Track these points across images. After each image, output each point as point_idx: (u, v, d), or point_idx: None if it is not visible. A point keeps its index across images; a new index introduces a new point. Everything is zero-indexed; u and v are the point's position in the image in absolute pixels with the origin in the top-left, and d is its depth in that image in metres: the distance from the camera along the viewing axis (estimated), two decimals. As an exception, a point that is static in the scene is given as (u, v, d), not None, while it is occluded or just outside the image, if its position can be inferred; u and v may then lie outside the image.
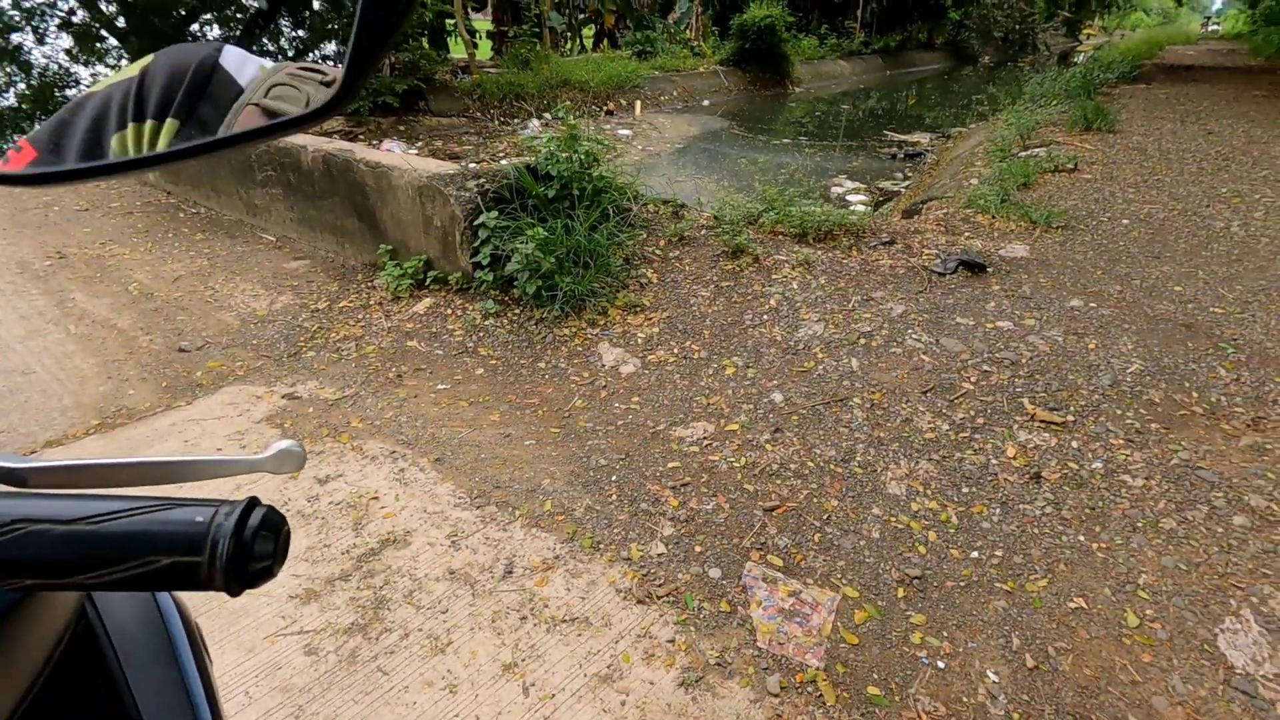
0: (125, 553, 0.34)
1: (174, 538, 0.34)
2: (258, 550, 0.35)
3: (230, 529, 0.34)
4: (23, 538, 0.34)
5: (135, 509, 0.35)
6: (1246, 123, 7.96)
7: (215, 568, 0.34)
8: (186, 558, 0.34)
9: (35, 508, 0.35)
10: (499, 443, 2.55)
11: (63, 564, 0.34)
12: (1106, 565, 1.96)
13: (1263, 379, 2.77)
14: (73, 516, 0.34)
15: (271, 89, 0.48)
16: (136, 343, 3.31)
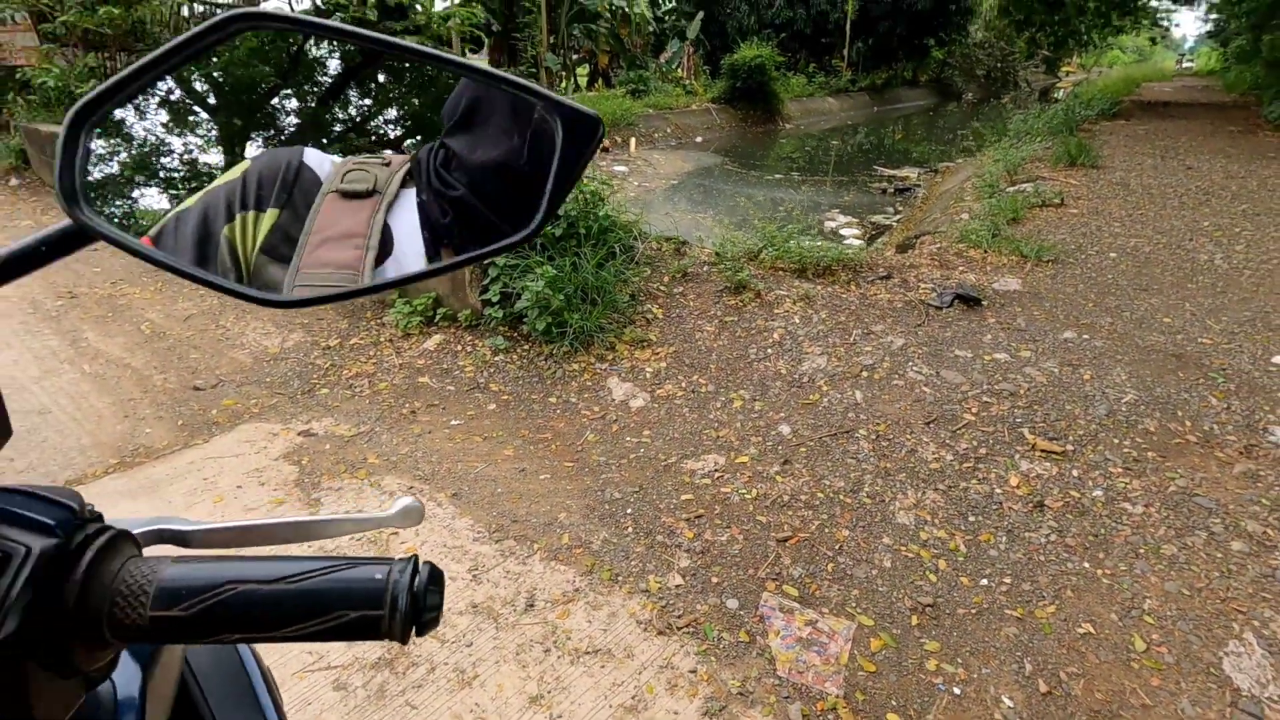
0: (319, 609, 0.38)
1: (359, 594, 0.39)
2: (429, 602, 0.40)
3: (406, 584, 0.39)
4: (234, 597, 0.38)
5: (324, 569, 0.40)
6: (1224, 158, 8.23)
7: (395, 620, 0.39)
8: (370, 611, 0.39)
9: (241, 570, 0.39)
10: (514, 477, 2.60)
11: (268, 620, 0.39)
12: (1112, 591, 2.02)
13: (1252, 408, 2.86)
14: (274, 577, 0.39)
15: (345, 175, 0.57)
16: (151, 381, 3.36)
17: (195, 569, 0.39)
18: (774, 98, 17.78)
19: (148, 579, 0.39)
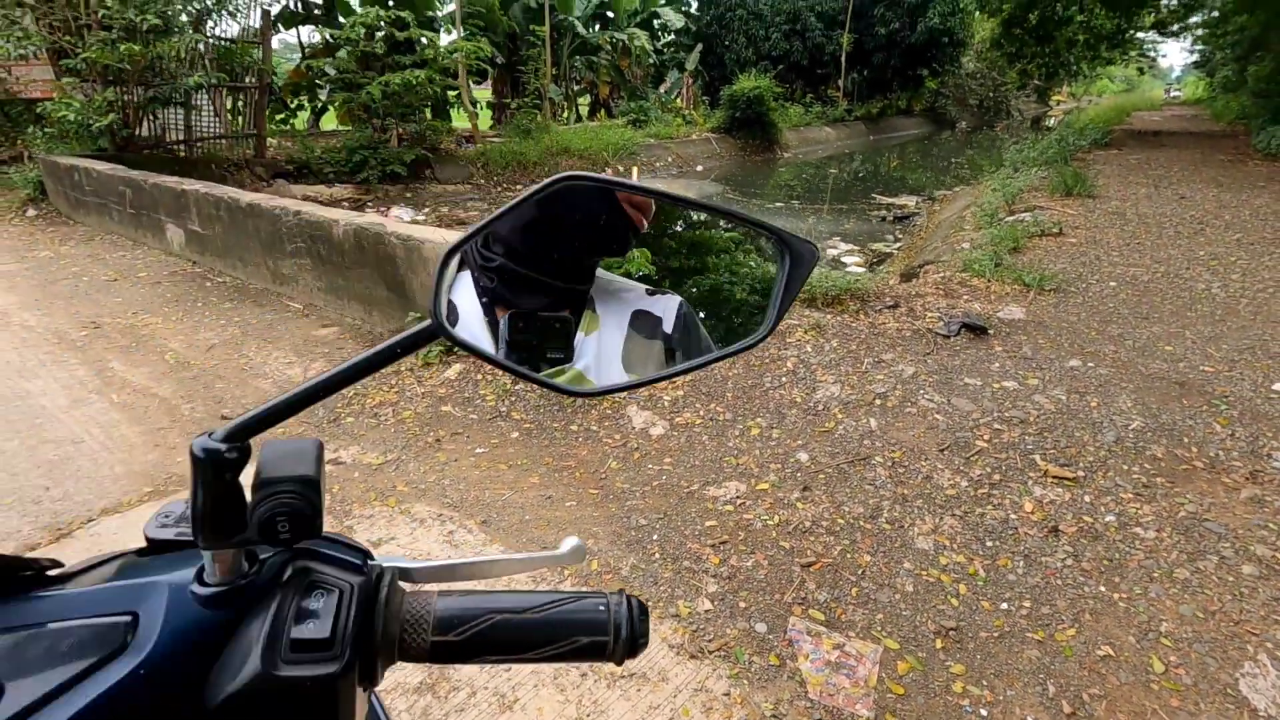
0: (558, 636, 0.47)
1: (588, 623, 0.47)
2: (641, 629, 0.48)
3: (625, 614, 0.48)
4: (494, 626, 0.46)
5: (558, 601, 0.48)
6: (1216, 187, 8.42)
7: (618, 645, 0.47)
8: (598, 638, 0.47)
9: (497, 602, 0.48)
10: (541, 504, 2.66)
11: (519, 644, 0.47)
12: (1129, 614, 2.09)
13: (1256, 434, 2.95)
14: (522, 608, 0.47)
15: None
16: (179, 411, 3.43)
17: (461, 602, 0.47)
18: (772, 127, 18.12)
19: (426, 610, 0.47)
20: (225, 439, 0.43)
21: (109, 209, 6.90)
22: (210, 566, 0.44)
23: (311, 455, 0.45)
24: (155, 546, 0.48)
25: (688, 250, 0.70)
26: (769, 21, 24.12)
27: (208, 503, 0.43)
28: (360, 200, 10.52)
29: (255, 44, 10.10)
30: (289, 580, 0.45)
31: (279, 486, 0.44)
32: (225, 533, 0.43)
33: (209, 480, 0.43)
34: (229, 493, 0.44)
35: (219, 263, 5.70)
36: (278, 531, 0.44)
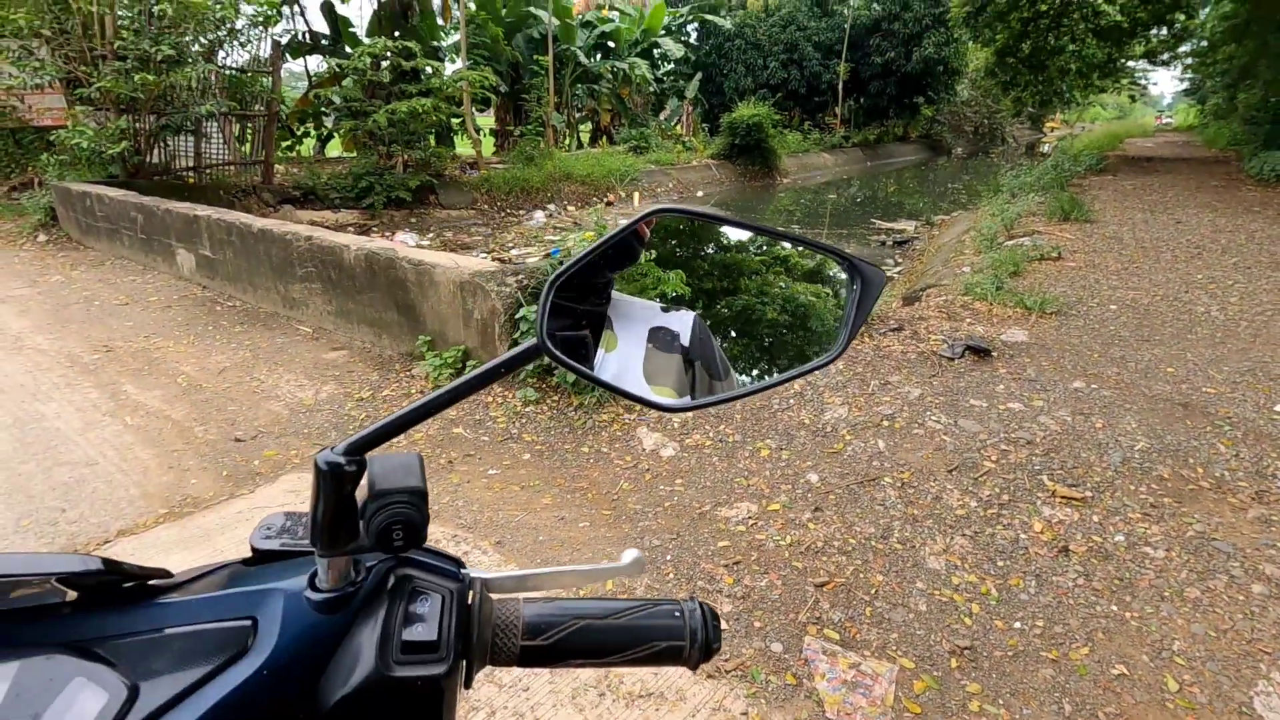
0: (637, 640, 0.50)
1: (665, 629, 0.50)
2: (714, 635, 0.51)
3: (699, 620, 0.51)
4: (578, 631, 0.50)
5: (636, 608, 0.51)
6: (1210, 212, 8.54)
7: (694, 650, 0.50)
8: (675, 642, 0.50)
9: (580, 608, 0.51)
10: (555, 525, 2.69)
11: (602, 649, 0.50)
12: (1141, 633, 2.10)
13: (1260, 454, 2.98)
14: (604, 614, 0.50)
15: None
16: (192, 433, 3.46)
17: (547, 608, 0.50)
18: (771, 154, 18.38)
19: (515, 616, 0.50)
20: (345, 453, 0.46)
21: (120, 234, 6.99)
22: (324, 573, 0.46)
23: (417, 468, 0.48)
24: (261, 556, 0.51)
25: (720, 272, 0.74)
26: (767, 51, 24.58)
27: (327, 512, 0.45)
28: (365, 225, 10.64)
29: (265, 73, 10.29)
30: (395, 586, 0.48)
31: (393, 497, 0.45)
32: (341, 541, 0.46)
33: (330, 491, 0.45)
34: (346, 503, 0.46)
35: (229, 287, 5.76)
36: (392, 539, 0.46)
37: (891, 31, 24.82)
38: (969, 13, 17.09)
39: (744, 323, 0.74)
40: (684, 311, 0.73)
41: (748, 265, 0.79)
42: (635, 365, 0.71)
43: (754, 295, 0.77)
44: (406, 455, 0.49)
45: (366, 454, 0.47)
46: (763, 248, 0.74)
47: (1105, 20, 17.36)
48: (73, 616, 0.43)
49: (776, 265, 0.80)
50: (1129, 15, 17.35)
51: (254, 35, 10.02)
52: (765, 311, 0.75)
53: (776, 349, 0.73)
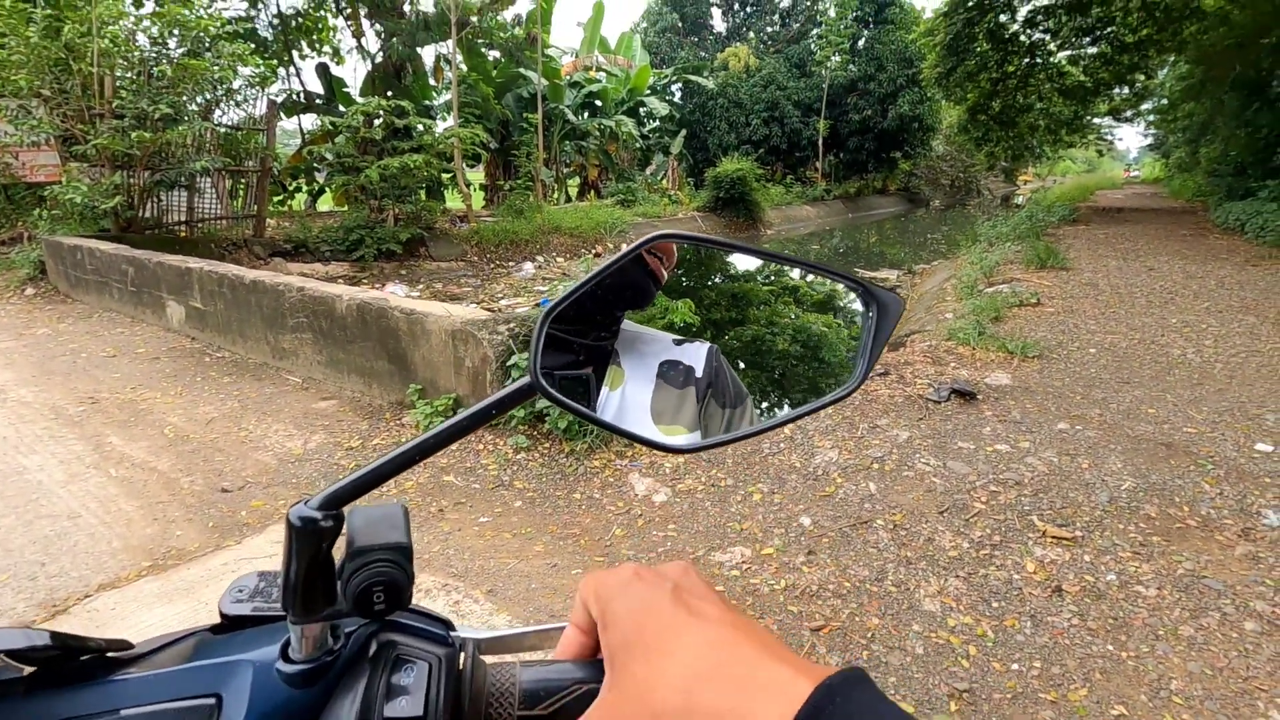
0: None
1: None
2: None
3: None
4: (583, 697, 0.44)
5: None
6: (1181, 259, 8.83)
7: None
8: None
9: (579, 672, 0.45)
10: (547, 573, 2.66)
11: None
12: (1138, 673, 2.09)
13: (1243, 492, 3.03)
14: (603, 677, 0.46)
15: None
16: (178, 484, 3.42)
17: (544, 673, 0.46)
18: (755, 206, 18.85)
19: (510, 682, 0.45)
20: (322, 506, 0.42)
21: (109, 287, 7.00)
22: (297, 642, 0.43)
23: (401, 521, 0.44)
24: (231, 623, 0.47)
25: (728, 303, 0.75)
26: (749, 109, 25.49)
27: (301, 574, 0.41)
28: (355, 277, 10.72)
29: (260, 130, 10.52)
30: (376, 654, 0.44)
31: (374, 555, 0.41)
32: (317, 606, 0.42)
33: (304, 550, 0.41)
34: (323, 563, 0.42)
35: (219, 338, 5.76)
36: (372, 603, 0.42)
37: (868, 91, 25.88)
38: (940, 73, 17.89)
39: (754, 354, 0.73)
40: (699, 343, 0.70)
41: (756, 295, 0.79)
42: (641, 402, 0.67)
43: (763, 325, 0.76)
44: (389, 506, 0.45)
45: (346, 507, 0.44)
46: (771, 277, 0.76)
47: (1070, 80, 18.25)
48: (25, 697, 0.40)
49: (786, 295, 0.80)
50: (1091, 75, 18.26)
51: (250, 95, 10.29)
52: (776, 342, 0.75)
53: (789, 380, 0.73)
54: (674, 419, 0.66)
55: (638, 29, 29.43)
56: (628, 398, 0.66)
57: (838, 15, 25.79)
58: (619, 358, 0.68)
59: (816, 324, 0.77)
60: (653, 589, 0.37)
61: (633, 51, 22.06)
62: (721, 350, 0.73)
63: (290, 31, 14.90)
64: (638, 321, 0.71)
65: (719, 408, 0.68)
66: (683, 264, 0.63)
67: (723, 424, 0.66)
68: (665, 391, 0.67)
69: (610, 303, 0.67)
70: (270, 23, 15.00)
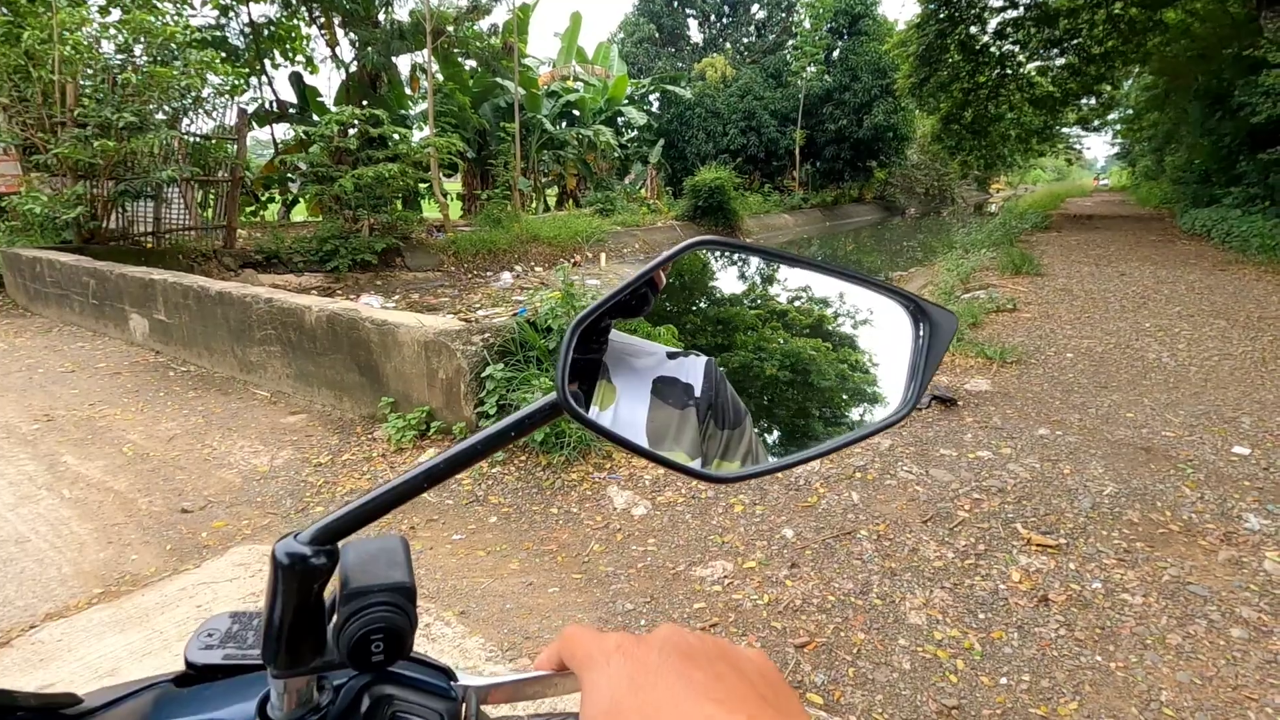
0: None
1: None
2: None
3: None
4: None
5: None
6: (1151, 264, 8.97)
7: None
8: None
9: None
10: (522, 591, 2.56)
11: None
12: (1128, 684, 2.05)
13: (1224, 496, 3.02)
14: None
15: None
16: (135, 505, 3.27)
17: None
18: (733, 214, 18.92)
19: None
20: (313, 541, 0.36)
21: (70, 300, 6.78)
22: (278, 698, 0.37)
23: (401, 556, 0.39)
24: (199, 673, 0.41)
25: (713, 328, 0.67)
26: (726, 119, 25.65)
27: (288, 619, 0.36)
28: (329, 289, 10.53)
29: (230, 140, 10.32)
30: (370, 711, 0.39)
31: (372, 598, 0.36)
32: (303, 656, 0.36)
33: (291, 592, 0.36)
34: (313, 607, 0.36)
35: (184, 352, 5.58)
36: (370, 653, 0.36)
37: (843, 101, 26.18)
38: (914, 84, 18.14)
39: (742, 380, 0.66)
40: (694, 356, 0.64)
41: (743, 320, 0.72)
42: (636, 424, 0.60)
43: (751, 351, 0.69)
44: (387, 540, 0.40)
45: (341, 541, 0.38)
46: (757, 301, 0.68)
47: (1039, 90, 18.61)
48: None
49: (774, 320, 0.73)
50: (1060, 86, 18.65)
51: (220, 103, 10.10)
52: (764, 368, 0.67)
53: (777, 406, 0.65)
54: (673, 442, 0.59)
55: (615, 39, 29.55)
56: (621, 418, 0.59)
57: (812, 27, 26.11)
58: (609, 373, 0.61)
59: (805, 349, 0.74)
60: (635, 665, 0.32)
61: (610, 61, 22.11)
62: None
63: (262, 40, 14.69)
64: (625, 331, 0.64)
65: (718, 429, 0.61)
66: (666, 289, 0.57)
67: (720, 446, 0.59)
68: (662, 411, 0.60)
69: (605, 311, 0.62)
70: (242, 31, 14.78)
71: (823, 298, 0.64)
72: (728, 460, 0.56)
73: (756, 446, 0.59)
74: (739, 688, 0.31)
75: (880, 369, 0.60)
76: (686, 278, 0.68)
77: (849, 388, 0.63)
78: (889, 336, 0.56)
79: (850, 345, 0.63)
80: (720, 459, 0.57)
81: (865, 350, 0.62)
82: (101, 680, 2.11)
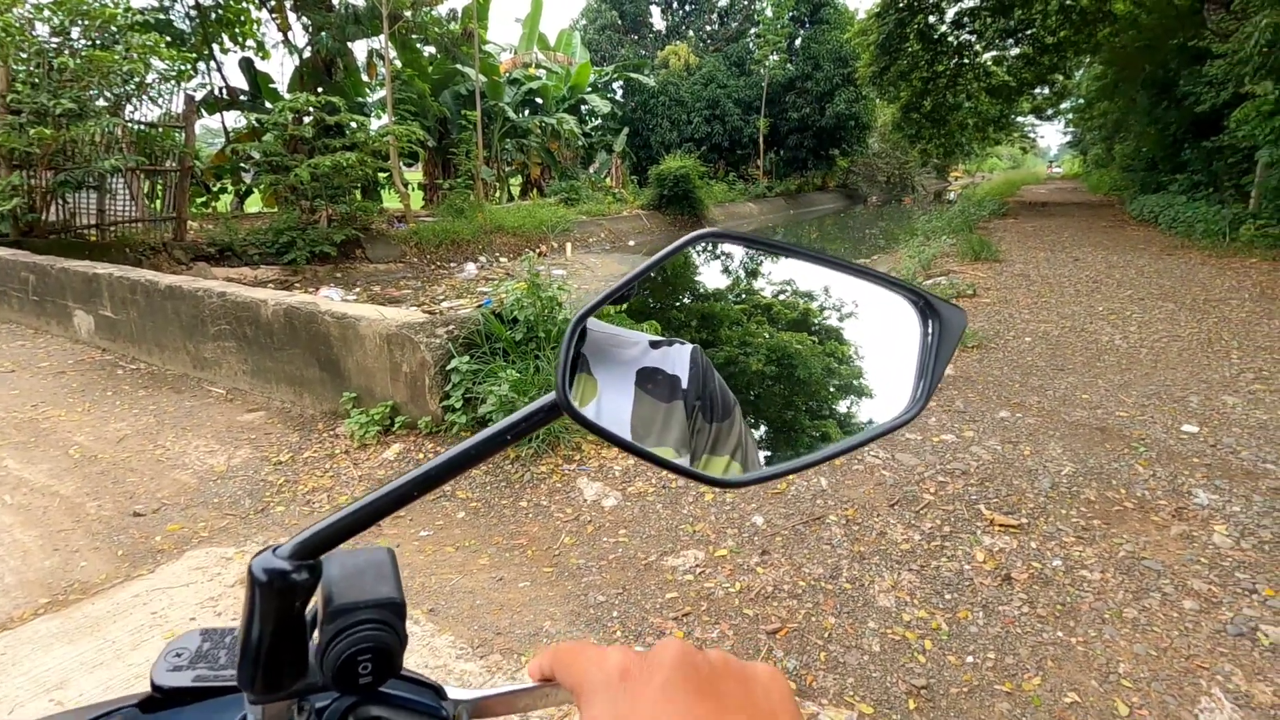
0: None
1: None
2: None
3: None
4: None
5: None
6: (1103, 250, 9.24)
7: None
8: None
9: None
10: (492, 587, 2.52)
11: None
12: (1087, 658, 2.11)
13: (1174, 473, 3.13)
14: None
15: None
16: (83, 510, 3.13)
17: None
18: (699, 203, 18.94)
19: None
20: (294, 555, 0.35)
21: (8, 297, 6.46)
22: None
23: (389, 569, 0.37)
24: (167, 696, 0.38)
25: (698, 323, 0.64)
26: (690, 107, 25.61)
27: (266, 640, 0.33)
28: (287, 282, 10.24)
29: (178, 128, 9.93)
30: None
31: (359, 614, 0.34)
32: (284, 680, 0.34)
33: (270, 610, 0.33)
34: (293, 625, 0.34)
35: (133, 349, 5.37)
36: (357, 674, 0.34)
37: (805, 89, 26.35)
38: (874, 72, 18.33)
39: (728, 376, 0.62)
40: (680, 345, 0.61)
41: (728, 315, 0.68)
42: (621, 420, 0.57)
43: (736, 346, 0.66)
44: (373, 551, 0.38)
45: (324, 555, 0.36)
46: (742, 296, 0.65)
47: (995, 79, 18.97)
48: None
49: (759, 314, 0.69)
50: (1015, 75, 19.03)
51: (166, 90, 9.70)
52: (750, 363, 0.64)
53: (764, 401, 0.62)
54: (660, 438, 0.55)
55: (577, 26, 29.19)
56: (604, 414, 0.56)
57: (775, 15, 26.16)
58: (588, 365, 0.57)
59: (791, 343, 0.74)
60: (640, 692, 0.31)
61: (573, 49, 21.86)
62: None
63: (209, 24, 14.12)
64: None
65: (706, 422, 0.58)
66: (648, 283, 0.54)
67: (709, 440, 0.56)
68: (647, 405, 0.56)
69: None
70: (187, 14, 14.19)
71: (807, 291, 0.62)
72: (717, 455, 0.54)
73: (746, 439, 0.57)
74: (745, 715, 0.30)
75: (880, 364, 0.58)
76: (669, 271, 0.65)
77: (836, 381, 0.61)
78: (891, 331, 0.54)
79: (836, 338, 0.61)
80: (709, 454, 0.54)
81: (851, 342, 0.60)
82: (50, 694, 2.02)
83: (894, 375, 0.53)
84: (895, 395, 0.52)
